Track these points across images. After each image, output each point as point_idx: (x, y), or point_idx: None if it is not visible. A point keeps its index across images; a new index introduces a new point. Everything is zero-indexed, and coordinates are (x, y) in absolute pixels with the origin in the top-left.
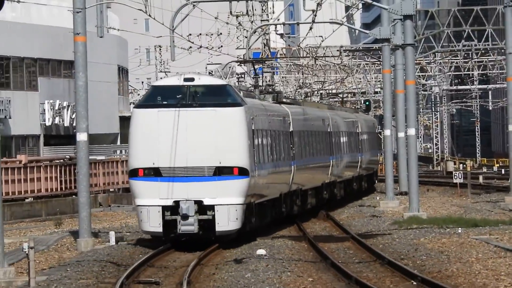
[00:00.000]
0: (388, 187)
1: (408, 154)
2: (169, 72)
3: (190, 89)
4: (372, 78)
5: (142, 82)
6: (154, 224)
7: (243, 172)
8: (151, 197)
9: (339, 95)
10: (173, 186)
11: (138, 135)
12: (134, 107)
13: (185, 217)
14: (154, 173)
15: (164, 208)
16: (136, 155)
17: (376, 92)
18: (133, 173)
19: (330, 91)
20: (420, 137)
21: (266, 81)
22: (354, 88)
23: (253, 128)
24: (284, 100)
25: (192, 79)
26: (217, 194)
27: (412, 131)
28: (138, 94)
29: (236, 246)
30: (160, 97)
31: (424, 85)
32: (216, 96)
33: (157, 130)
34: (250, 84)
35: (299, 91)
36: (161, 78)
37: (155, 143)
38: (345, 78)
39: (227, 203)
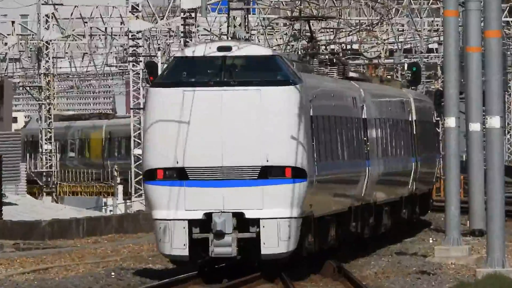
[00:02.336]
0: (450, 220)
1: (488, 163)
2: None
3: (227, 61)
4: (424, 25)
5: None
6: (177, 244)
7: (299, 173)
8: (174, 207)
9: (366, 53)
10: (204, 193)
11: (157, 124)
12: (150, 86)
13: (219, 235)
14: (178, 175)
15: (192, 223)
16: (153, 151)
17: (430, 51)
18: (150, 176)
19: (348, 47)
20: (509, 132)
21: (233, 27)
22: (392, 43)
23: (312, 113)
24: (352, 74)
25: (229, 48)
26: (264, 203)
27: (495, 121)
28: None
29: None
30: (186, 72)
31: None
32: (261, 71)
33: (182, 117)
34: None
35: (292, 46)
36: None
37: (179, 134)
38: (376, 24)
39: (277, 216)
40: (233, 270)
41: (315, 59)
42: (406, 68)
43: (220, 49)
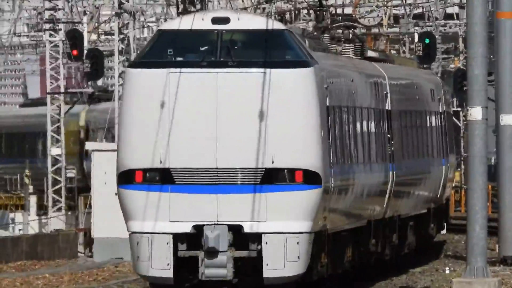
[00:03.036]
0: (474, 244)
1: None
2: None
3: (224, 36)
4: None
5: None
6: (159, 264)
7: (312, 178)
8: (156, 218)
9: (363, 19)
10: (194, 201)
11: (135, 113)
12: (128, 66)
13: (212, 253)
14: (162, 178)
15: (177, 238)
16: (131, 148)
17: (448, 17)
18: (125, 178)
19: (339, 11)
20: None
21: None
22: (397, 6)
23: (328, 103)
24: (371, 53)
25: (226, 20)
26: (268, 215)
27: None
28: None
29: None
30: (173, 49)
31: None
32: (267, 49)
33: (166, 106)
34: None
35: (263, 10)
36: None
37: (163, 127)
38: None
39: (284, 230)
40: None
41: (325, 34)
42: (416, 39)
43: (215, 21)
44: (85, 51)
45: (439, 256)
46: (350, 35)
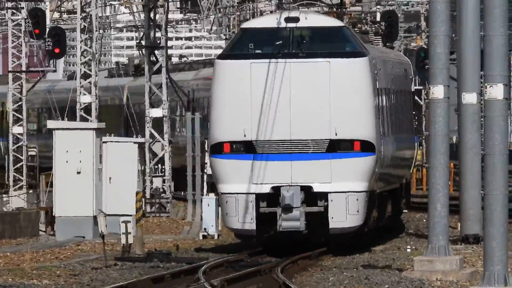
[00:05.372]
0: (435, 223)
1: (487, 147)
2: None
3: (295, 32)
4: None
5: None
6: (245, 219)
7: (367, 147)
8: (241, 181)
9: None
10: (272, 167)
11: (224, 96)
12: (217, 58)
13: (288, 209)
14: (246, 148)
15: (259, 197)
16: (220, 124)
17: None
18: (216, 149)
19: None
20: None
21: None
22: None
23: (378, 86)
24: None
25: (296, 19)
26: (332, 177)
27: (497, 91)
28: None
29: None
30: (253, 44)
31: None
32: (330, 42)
33: (249, 90)
34: None
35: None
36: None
37: (246, 107)
38: None
39: (346, 189)
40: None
41: (355, 28)
42: (378, 18)
43: (287, 20)
44: (47, 30)
45: (400, 235)
46: (373, 28)
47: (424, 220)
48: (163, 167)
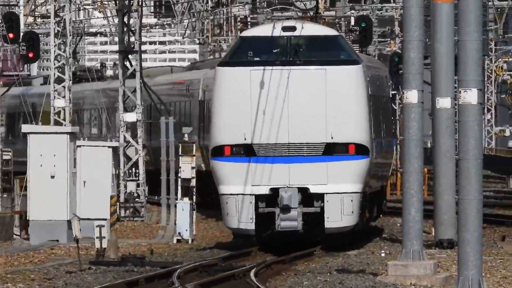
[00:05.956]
0: (410, 227)
1: (461, 151)
2: None
3: (292, 41)
4: None
5: None
6: (244, 218)
7: (361, 150)
8: (241, 183)
9: (299, 3)
10: (271, 169)
11: (224, 102)
12: (218, 65)
13: (286, 209)
14: (245, 151)
15: (258, 198)
16: (221, 128)
17: (384, 0)
18: (217, 152)
19: None
20: (488, 111)
21: None
22: None
23: (369, 92)
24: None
25: (293, 28)
26: (328, 179)
27: (471, 96)
28: None
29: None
30: (252, 51)
31: None
32: (325, 51)
33: (249, 95)
34: None
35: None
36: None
37: (246, 112)
38: None
39: (341, 191)
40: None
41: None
42: (352, 23)
43: (284, 29)
44: (22, 34)
45: (374, 239)
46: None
47: (398, 225)
48: (137, 171)
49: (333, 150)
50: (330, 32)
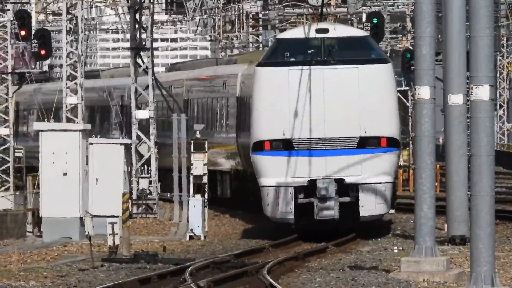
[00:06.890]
0: (422, 224)
1: (473, 148)
2: None
3: (325, 42)
4: None
5: None
6: (284, 208)
7: (392, 143)
8: (281, 175)
9: (310, 0)
10: (309, 162)
11: (264, 100)
12: (257, 65)
13: (323, 199)
14: (284, 146)
15: (297, 189)
16: (261, 125)
17: None
18: (258, 147)
19: None
20: (501, 107)
21: None
22: None
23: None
24: None
25: (326, 30)
26: (362, 170)
27: (483, 92)
28: None
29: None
30: (288, 52)
31: None
32: (356, 51)
33: (287, 93)
34: None
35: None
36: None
37: (284, 109)
38: None
39: (375, 181)
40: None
41: None
42: (364, 19)
43: (318, 31)
44: (33, 31)
45: (387, 236)
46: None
47: (411, 221)
48: (150, 168)
49: (366, 143)
50: (360, 33)
